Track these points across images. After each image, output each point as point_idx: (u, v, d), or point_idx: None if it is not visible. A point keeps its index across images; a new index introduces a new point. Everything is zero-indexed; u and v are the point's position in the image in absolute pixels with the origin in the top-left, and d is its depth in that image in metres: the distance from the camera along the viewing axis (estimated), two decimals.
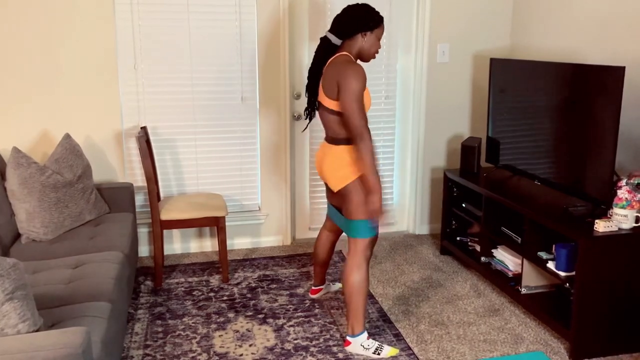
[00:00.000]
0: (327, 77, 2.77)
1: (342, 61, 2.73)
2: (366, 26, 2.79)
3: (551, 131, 3.28)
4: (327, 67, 2.81)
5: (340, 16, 2.84)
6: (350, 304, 2.83)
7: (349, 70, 2.65)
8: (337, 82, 2.69)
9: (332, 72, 2.74)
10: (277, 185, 4.18)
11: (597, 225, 2.77)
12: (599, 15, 3.43)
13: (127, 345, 2.92)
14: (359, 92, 2.64)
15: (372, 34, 2.82)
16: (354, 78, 2.64)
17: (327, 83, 2.77)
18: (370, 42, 2.82)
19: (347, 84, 2.64)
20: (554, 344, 2.97)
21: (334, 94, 2.73)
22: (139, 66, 3.82)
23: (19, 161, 3.11)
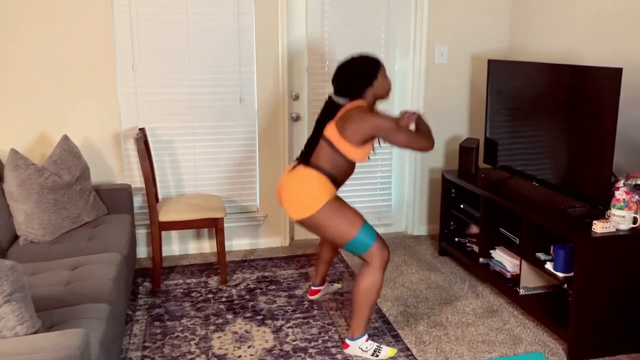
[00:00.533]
0: (349, 120, 2.74)
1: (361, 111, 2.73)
2: (369, 80, 2.81)
3: (549, 132, 3.29)
4: (349, 111, 2.77)
5: (340, 80, 2.83)
6: (357, 309, 2.81)
7: (370, 119, 2.69)
8: (364, 131, 2.71)
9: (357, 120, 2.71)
10: (275, 187, 4.18)
11: (595, 226, 2.77)
12: (596, 16, 3.44)
13: (125, 346, 2.92)
14: (389, 124, 2.69)
15: (378, 79, 2.83)
16: (376, 118, 2.69)
17: (348, 125, 2.73)
18: (379, 86, 2.85)
19: (378, 126, 2.69)
20: (552, 344, 2.97)
21: (351, 138, 2.73)
22: (137, 67, 3.82)
23: (17, 163, 3.11)
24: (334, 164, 2.80)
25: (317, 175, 2.77)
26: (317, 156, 2.81)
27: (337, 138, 2.76)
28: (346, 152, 2.77)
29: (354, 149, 2.77)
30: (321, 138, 2.81)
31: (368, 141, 2.78)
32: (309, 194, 2.74)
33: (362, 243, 2.75)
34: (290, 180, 2.82)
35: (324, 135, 2.80)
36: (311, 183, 2.75)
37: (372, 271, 2.76)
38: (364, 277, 2.77)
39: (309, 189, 2.75)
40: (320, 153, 2.80)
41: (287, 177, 2.85)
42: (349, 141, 2.74)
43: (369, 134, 2.72)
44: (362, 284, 2.77)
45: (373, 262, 2.76)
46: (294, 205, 2.77)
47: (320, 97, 4.17)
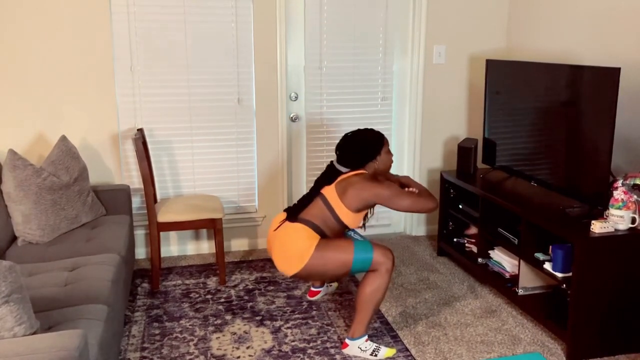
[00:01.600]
0: (350, 185, 2.79)
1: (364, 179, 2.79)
2: (373, 155, 2.89)
3: (547, 132, 3.29)
4: (351, 177, 2.83)
5: (345, 151, 2.89)
6: (361, 310, 2.81)
7: (371, 187, 2.75)
8: (366, 199, 2.76)
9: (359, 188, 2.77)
10: (274, 187, 4.18)
11: (593, 226, 2.77)
12: (594, 16, 3.44)
13: (124, 347, 2.92)
14: (392, 191, 2.74)
15: (381, 155, 2.92)
16: (377, 187, 2.75)
17: (349, 190, 2.78)
18: (382, 161, 2.93)
19: (379, 194, 2.74)
20: (550, 344, 2.97)
21: (349, 203, 2.78)
22: (135, 68, 3.81)
23: (15, 163, 3.10)
24: (325, 222, 2.84)
25: (302, 227, 2.81)
26: (308, 212, 2.86)
27: (336, 201, 2.81)
28: (341, 216, 2.83)
29: (349, 214, 2.83)
30: (318, 196, 2.86)
31: (365, 208, 2.86)
32: (296, 247, 2.78)
33: (363, 261, 2.77)
34: (278, 238, 2.86)
35: (321, 193, 2.86)
36: (297, 235, 2.80)
37: (379, 275, 2.78)
38: (370, 280, 2.78)
39: (296, 241, 2.79)
40: (314, 209, 2.85)
41: (275, 234, 2.89)
42: (347, 206, 2.80)
43: (370, 201, 2.79)
44: (368, 287, 2.78)
45: (380, 268, 2.77)
46: (286, 261, 2.81)
47: (318, 97, 4.17)
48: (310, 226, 2.82)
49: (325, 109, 4.21)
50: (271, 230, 2.95)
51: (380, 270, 2.77)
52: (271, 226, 2.97)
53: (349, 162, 2.89)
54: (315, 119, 4.21)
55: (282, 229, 2.86)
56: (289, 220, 2.87)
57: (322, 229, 2.84)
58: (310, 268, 2.77)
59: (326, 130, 4.24)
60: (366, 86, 4.24)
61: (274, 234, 2.91)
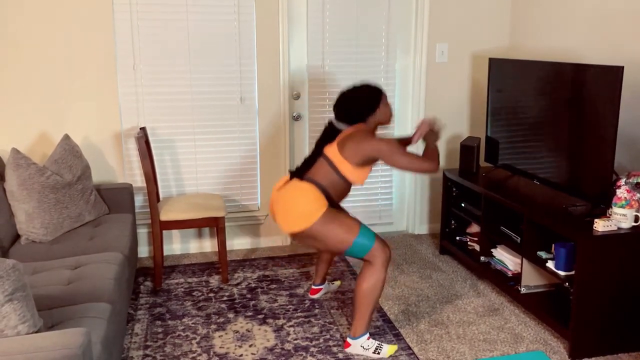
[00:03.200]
0: (350, 140, 2.77)
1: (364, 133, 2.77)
2: (372, 109, 2.85)
3: (550, 131, 3.28)
4: (351, 133, 2.81)
5: (342, 107, 2.85)
6: (359, 307, 2.81)
7: (371, 141, 2.73)
8: (366, 152, 2.73)
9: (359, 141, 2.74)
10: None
11: (596, 224, 2.77)
12: (597, 14, 3.43)
13: (127, 345, 2.92)
14: (391, 147, 2.71)
15: (380, 108, 2.87)
16: (377, 141, 2.72)
17: (349, 145, 2.76)
18: (381, 114, 2.89)
19: (378, 148, 2.72)
20: (553, 343, 2.97)
21: (351, 159, 2.76)
22: (137, 67, 3.82)
23: (18, 162, 3.11)
24: (331, 182, 2.81)
25: (311, 188, 2.78)
26: (314, 172, 2.83)
27: (338, 157, 2.78)
28: (345, 172, 2.79)
29: (353, 170, 2.79)
30: (321, 156, 2.83)
31: (367, 163, 2.81)
32: (303, 206, 2.73)
33: (362, 246, 2.75)
34: (284, 194, 2.81)
35: (324, 153, 2.83)
36: (306, 195, 2.75)
37: (374, 270, 2.76)
38: (367, 276, 2.77)
39: (303, 201, 2.74)
40: (318, 170, 2.82)
41: (280, 192, 2.85)
42: (349, 161, 2.77)
43: (369, 155, 2.75)
44: (365, 283, 2.77)
45: (375, 262, 2.76)
46: (289, 218, 2.76)
47: (321, 96, 4.17)
48: (319, 187, 2.79)
49: (328, 108, 4.21)
50: (275, 189, 2.91)
51: (376, 264, 2.76)
52: (275, 187, 2.93)
53: (348, 118, 2.84)
54: (317, 117, 4.21)
55: (290, 187, 2.81)
56: (296, 177, 2.84)
57: (328, 191, 2.81)
58: (312, 232, 2.73)
59: None
60: None
61: (278, 192, 2.86)
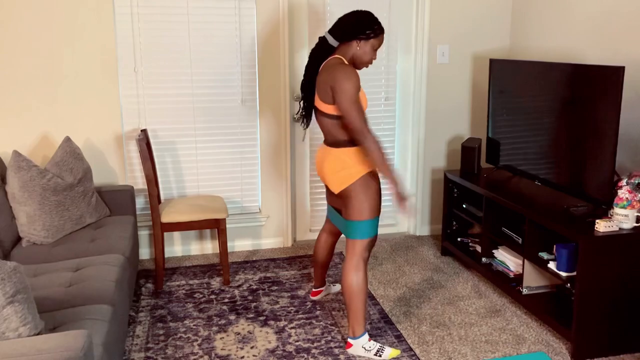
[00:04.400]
0: (320, 81, 2.77)
1: (334, 64, 2.74)
2: (363, 33, 2.78)
3: (551, 131, 3.28)
4: (321, 71, 2.81)
5: (342, 18, 2.84)
6: (350, 305, 2.82)
7: (340, 73, 2.66)
8: (331, 86, 2.69)
9: (325, 76, 2.74)
10: (277, 187, 4.18)
11: (597, 225, 2.76)
12: (598, 15, 3.43)
13: (128, 348, 2.92)
14: (353, 93, 2.65)
15: (368, 43, 2.80)
16: (347, 79, 2.64)
17: (321, 88, 2.77)
18: (364, 50, 2.80)
19: (340, 86, 2.65)
20: (555, 344, 2.96)
21: (329, 98, 2.74)
22: (139, 69, 3.82)
23: (19, 164, 3.11)
24: (338, 128, 2.80)
25: (340, 154, 2.80)
26: (326, 133, 2.84)
27: (326, 106, 2.77)
28: (337, 112, 2.75)
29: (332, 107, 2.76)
30: (318, 116, 2.84)
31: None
32: (349, 166, 2.77)
33: (359, 231, 2.78)
34: (328, 157, 2.85)
35: (318, 110, 2.83)
36: (348, 156, 2.78)
37: (354, 268, 2.80)
38: (348, 274, 2.81)
39: (348, 161, 2.78)
40: (324, 127, 2.84)
41: (324, 153, 2.88)
42: (330, 102, 2.74)
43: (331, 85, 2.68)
44: (348, 281, 2.80)
45: (352, 258, 2.80)
46: (336, 178, 2.80)
47: None
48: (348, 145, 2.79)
49: None
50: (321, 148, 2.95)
51: (353, 260, 2.79)
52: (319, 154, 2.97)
53: (340, 30, 2.79)
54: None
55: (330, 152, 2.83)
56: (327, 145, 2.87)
57: (346, 139, 2.79)
58: (351, 189, 2.76)
59: None
60: (369, 86, 4.24)
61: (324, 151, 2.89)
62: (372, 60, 2.85)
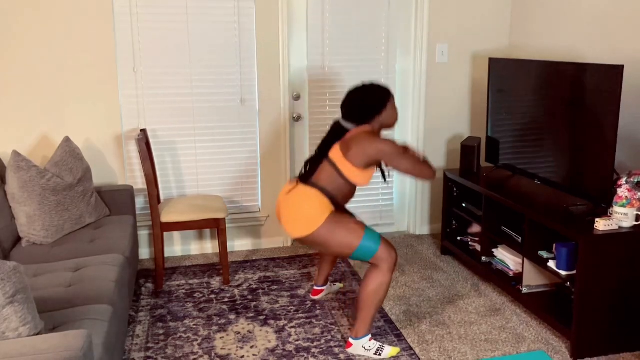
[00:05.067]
0: (354, 142, 2.76)
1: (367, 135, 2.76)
2: (379, 108, 2.84)
3: (551, 130, 3.28)
4: (355, 134, 2.80)
5: (350, 105, 2.85)
6: (363, 309, 2.81)
7: (375, 142, 2.72)
8: (369, 154, 2.73)
9: (362, 144, 2.74)
10: (277, 187, 4.18)
11: (597, 224, 2.77)
12: (597, 13, 3.43)
13: (128, 347, 2.92)
14: (394, 149, 2.71)
15: (387, 109, 2.86)
16: (381, 142, 2.72)
17: (352, 148, 2.75)
18: (388, 115, 2.87)
19: (382, 150, 2.71)
20: (555, 343, 2.96)
21: (354, 160, 2.75)
22: (138, 69, 3.82)
23: (19, 165, 3.11)
24: (335, 185, 2.82)
25: (316, 193, 2.79)
26: (319, 176, 2.83)
27: (341, 159, 2.78)
28: (348, 175, 2.79)
29: (356, 172, 2.79)
30: (325, 159, 2.83)
31: (371, 165, 2.81)
32: (308, 211, 2.75)
33: (367, 250, 2.75)
34: (290, 199, 2.83)
35: (327, 156, 2.83)
36: (311, 201, 2.76)
37: (380, 273, 2.76)
38: (372, 278, 2.77)
39: (308, 206, 2.75)
40: (322, 173, 2.82)
41: (286, 197, 2.86)
42: (353, 163, 2.76)
43: (373, 157, 2.75)
44: (370, 285, 2.77)
45: (382, 265, 2.76)
46: (295, 223, 2.78)
47: (321, 97, 4.17)
48: (324, 192, 2.79)
49: (328, 109, 4.21)
50: (282, 193, 2.91)
51: (382, 267, 2.76)
52: (282, 191, 2.94)
53: (355, 117, 2.83)
54: (318, 119, 4.21)
55: (296, 192, 2.82)
56: (302, 182, 2.84)
57: (333, 194, 2.81)
58: (317, 237, 2.74)
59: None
60: None
61: (285, 196, 2.87)
62: (397, 116, 2.93)
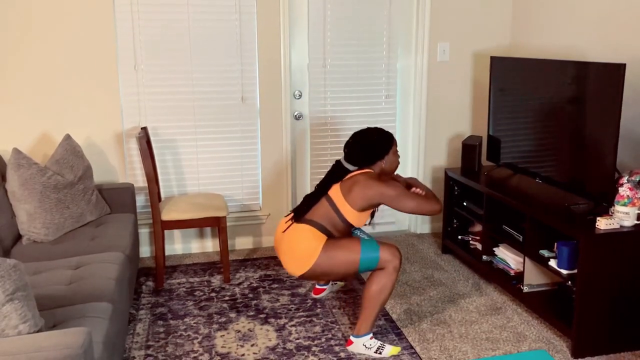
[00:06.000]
0: (356, 184, 2.79)
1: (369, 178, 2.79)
2: (381, 154, 2.88)
3: (552, 129, 3.27)
4: (357, 176, 2.83)
5: (353, 149, 2.89)
6: (367, 308, 2.81)
7: (377, 186, 2.75)
8: (371, 198, 2.76)
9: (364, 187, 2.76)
10: (278, 185, 4.18)
11: (598, 222, 2.76)
12: (599, 12, 3.42)
13: (128, 345, 2.92)
14: (398, 192, 2.75)
15: (389, 155, 2.91)
16: (383, 186, 2.74)
17: (353, 191, 2.78)
18: (389, 161, 2.93)
19: (384, 194, 2.74)
20: (556, 342, 2.96)
21: (354, 202, 2.78)
22: (139, 67, 3.82)
23: (19, 162, 3.11)
24: (331, 222, 2.85)
25: (308, 228, 2.82)
26: (314, 212, 2.86)
27: (341, 200, 2.81)
28: (346, 215, 2.83)
29: (354, 213, 2.83)
30: (323, 197, 2.86)
31: (370, 207, 2.85)
32: (304, 247, 2.79)
33: (370, 260, 2.77)
34: (286, 240, 2.87)
35: (327, 194, 2.86)
36: (304, 236, 2.80)
37: (386, 273, 2.78)
38: (377, 278, 2.78)
39: (304, 242, 2.79)
40: (319, 209, 2.85)
41: (282, 236, 2.90)
42: (352, 205, 2.80)
43: (375, 200, 2.79)
44: (374, 285, 2.78)
45: (387, 266, 2.78)
46: (294, 262, 2.82)
47: (322, 95, 4.17)
48: (317, 227, 2.82)
49: (329, 107, 4.20)
50: (279, 232, 2.96)
51: (388, 268, 2.77)
52: (278, 228, 2.98)
53: (357, 160, 2.89)
54: (319, 117, 4.21)
55: (290, 231, 2.87)
56: (295, 221, 2.87)
57: (328, 229, 2.84)
58: (318, 268, 2.78)
59: (330, 129, 4.23)
60: (370, 84, 4.23)
61: (281, 235, 2.91)
62: (398, 162, 2.98)
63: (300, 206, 2.92)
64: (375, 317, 2.83)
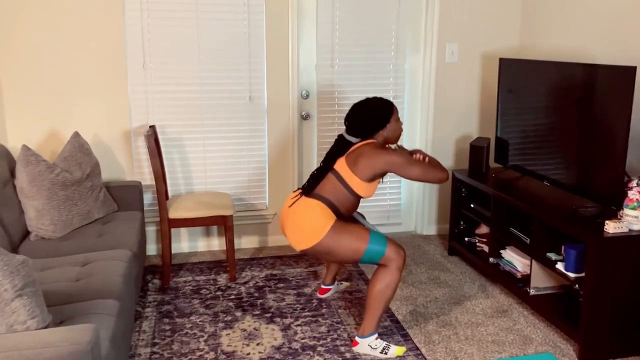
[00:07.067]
0: (361, 155, 2.78)
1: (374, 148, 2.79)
2: (382, 123, 2.87)
3: (561, 131, 3.26)
4: (361, 147, 2.82)
5: (354, 120, 2.87)
6: (371, 307, 2.81)
7: (383, 154, 2.74)
8: (377, 167, 2.75)
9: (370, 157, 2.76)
10: (284, 185, 4.18)
11: (607, 226, 2.75)
12: (609, 14, 3.41)
13: (135, 342, 2.93)
14: (403, 159, 2.74)
15: (391, 123, 2.90)
16: (389, 154, 2.74)
17: (359, 162, 2.77)
18: (392, 129, 2.91)
19: (391, 162, 2.74)
20: (562, 345, 2.95)
21: (361, 173, 2.77)
22: (147, 65, 3.83)
23: (28, 159, 3.12)
24: (339, 196, 2.83)
25: (318, 203, 2.80)
26: (322, 188, 2.84)
27: (347, 172, 2.80)
28: (354, 187, 2.81)
29: (362, 184, 2.81)
30: (330, 171, 2.84)
31: (377, 177, 2.83)
32: (311, 223, 2.76)
33: (375, 253, 2.75)
34: (292, 212, 2.85)
35: (333, 168, 2.84)
36: (313, 212, 2.78)
37: (389, 272, 2.76)
38: (380, 278, 2.77)
39: (311, 217, 2.77)
40: (326, 185, 2.83)
41: (289, 210, 2.88)
42: (359, 176, 2.78)
43: (382, 169, 2.77)
44: (378, 285, 2.77)
45: (390, 265, 2.76)
46: (299, 236, 2.80)
47: (330, 95, 4.17)
48: (326, 203, 2.80)
49: (337, 107, 4.20)
50: (285, 206, 2.93)
51: (391, 267, 2.76)
52: (285, 203, 2.96)
53: (359, 131, 2.86)
54: (326, 117, 4.20)
55: (298, 204, 2.84)
56: (304, 195, 2.85)
57: (336, 206, 2.82)
58: (322, 247, 2.75)
59: (337, 129, 4.23)
60: (378, 84, 4.23)
61: (288, 209, 2.89)
62: (401, 129, 2.97)
63: (308, 182, 2.90)
64: (380, 316, 2.82)
